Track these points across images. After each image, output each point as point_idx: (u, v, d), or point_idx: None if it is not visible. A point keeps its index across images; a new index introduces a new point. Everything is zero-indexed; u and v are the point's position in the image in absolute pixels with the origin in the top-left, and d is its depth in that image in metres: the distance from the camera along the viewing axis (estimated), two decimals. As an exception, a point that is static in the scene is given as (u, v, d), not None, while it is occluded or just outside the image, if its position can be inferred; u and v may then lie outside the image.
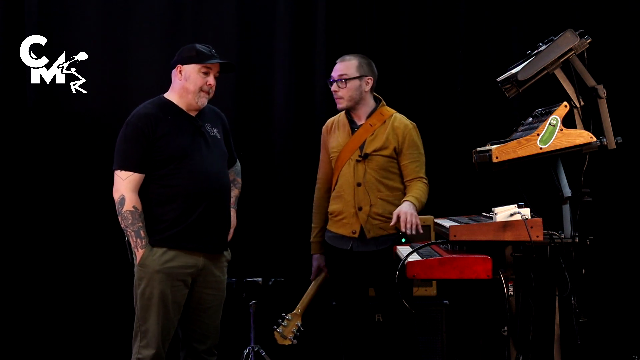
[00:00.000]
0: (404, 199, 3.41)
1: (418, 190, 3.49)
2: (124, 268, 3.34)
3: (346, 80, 3.57)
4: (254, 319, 3.99)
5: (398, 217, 3.26)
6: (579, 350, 2.85)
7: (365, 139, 3.58)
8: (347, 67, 3.59)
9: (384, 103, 3.68)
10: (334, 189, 3.66)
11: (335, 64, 3.64)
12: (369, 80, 3.61)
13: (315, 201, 3.79)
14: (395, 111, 3.66)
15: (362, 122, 3.63)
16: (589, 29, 3.06)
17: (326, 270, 3.77)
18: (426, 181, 3.57)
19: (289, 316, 3.83)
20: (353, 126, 3.64)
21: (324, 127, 3.78)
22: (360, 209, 3.54)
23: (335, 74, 3.61)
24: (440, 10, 4.60)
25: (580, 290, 2.83)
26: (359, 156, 3.56)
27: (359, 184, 3.55)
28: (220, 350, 3.38)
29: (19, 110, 4.46)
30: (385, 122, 3.59)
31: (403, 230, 3.24)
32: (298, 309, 3.84)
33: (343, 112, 3.68)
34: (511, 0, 4.56)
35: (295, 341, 3.82)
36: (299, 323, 3.83)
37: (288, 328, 3.82)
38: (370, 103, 3.64)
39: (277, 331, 3.82)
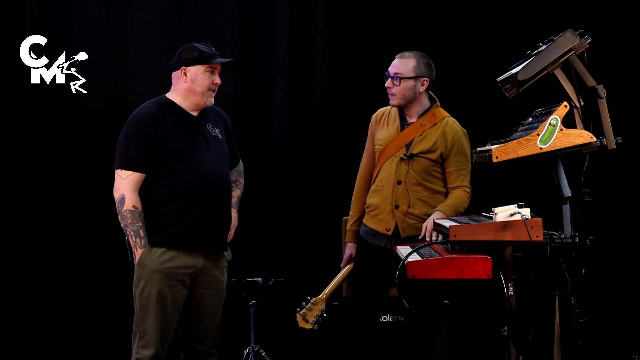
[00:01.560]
0: (436, 209, 3.43)
1: (455, 199, 3.48)
2: (124, 268, 3.34)
3: (401, 78, 3.51)
4: (254, 319, 3.99)
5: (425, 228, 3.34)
6: (579, 350, 2.85)
7: (413, 138, 3.54)
8: (404, 65, 3.54)
9: (439, 104, 3.62)
10: (373, 182, 3.62)
11: (393, 59, 3.60)
12: (425, 82, 3.55)
13: (355, 190, 3.76)
14: (448, 115, 3.61)
15: (413, 120, 3.58)
16: (589, 29, 3.06)
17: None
18: (468, 190, 3.54)
19: (313, 300, 3.75)
20: (403, 122, 3.59)
21: (373, 116, 3.74)
22: (397, 207, 3.51)
23: (391, 69, 3.56)
24: (440, 10, 4.59)
25: (580, 290, 2.82)
26: (404, 155, 3.52)
27: (399, 182, 3.51)
28: (220, 350, 3.37)
29: (19, 110, 4.46)
30: (436, 124, 3.54)
31: (428, 238, 3.28)
32: (324, 294, 3.77)
33: None
34: (511, 0, 4.56)
35: (316, 327, 3.73)
36: (322, 308, 3.74)
37: (312, 312, 3.73)
38: (424, 103, 3.59)
39: (300, 313, 3.73)
